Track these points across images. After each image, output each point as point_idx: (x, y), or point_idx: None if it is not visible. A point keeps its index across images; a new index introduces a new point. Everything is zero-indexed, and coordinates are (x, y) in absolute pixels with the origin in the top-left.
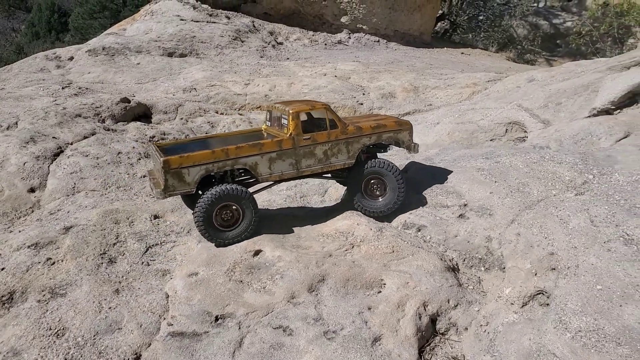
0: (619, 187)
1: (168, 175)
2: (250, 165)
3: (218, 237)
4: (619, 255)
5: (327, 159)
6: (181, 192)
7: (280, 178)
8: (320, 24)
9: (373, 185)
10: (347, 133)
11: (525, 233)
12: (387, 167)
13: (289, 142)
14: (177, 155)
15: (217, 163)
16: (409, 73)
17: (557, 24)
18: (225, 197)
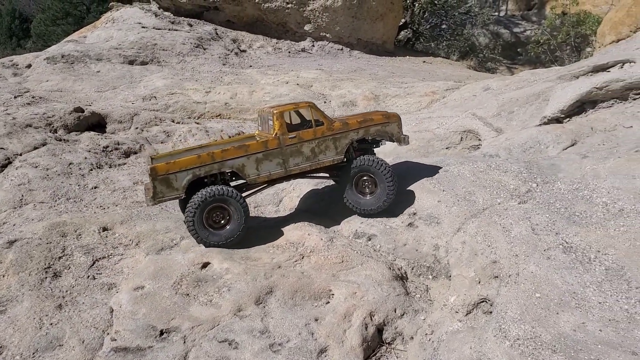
0: (561, 195)
1: (156, 182)
2: (237, 167)
3: (208, 238)
4: (558, 263)
5: (315, 157)
6: (171, 198)
7: (269, 178)
8: (284, 31)
9: (364, 183)
10: (333, 129)
11: (470, 241)
12: (377, 164)
13: (274, 141)
14: (164, 162)
15: (203, 167)
16: (371, 81)
17: (518, 32)
18: (214, 198)
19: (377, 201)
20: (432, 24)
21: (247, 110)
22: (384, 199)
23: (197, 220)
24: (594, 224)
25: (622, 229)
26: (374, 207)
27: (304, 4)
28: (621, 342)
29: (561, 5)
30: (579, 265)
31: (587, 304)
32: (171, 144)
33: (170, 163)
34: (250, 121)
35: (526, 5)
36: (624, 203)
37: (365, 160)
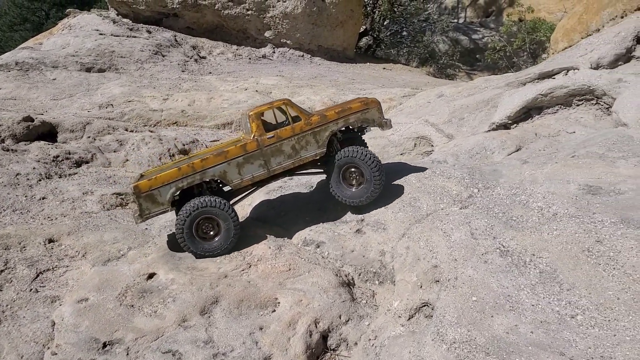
0: (500, 200)
1: (141, 200)
2: (219, 174)
3: (199, 249)
4: (495, 267)
5: (297, 153)
6: (158, 213)
7: (253, 181)
8: (244, 38)
9: (351, 174)
10: (311, 124)
11: (413, 246)
12: (362, 155)
13: (252, 144)
14: (145, 180)
15: (185, 179)
16: (330, 88)
17: (476, 39)
18: (199, 211)
19: (365, 192)
20: (393, 31)
21: (204, 117)
22: (371, 189)
23: (186, 233)
24: (530, 228)
25: (555, 232)
26: (362, 199)
27: (264, 10)
28: (551, 343)
29: (517, 12)
30: (515, 269)
31: (521, 306)
32: (124, 153)
33: (152, 179)
34: (207, 128)
35: (484, 13)
36: (558, 207)
37: (350, 152)
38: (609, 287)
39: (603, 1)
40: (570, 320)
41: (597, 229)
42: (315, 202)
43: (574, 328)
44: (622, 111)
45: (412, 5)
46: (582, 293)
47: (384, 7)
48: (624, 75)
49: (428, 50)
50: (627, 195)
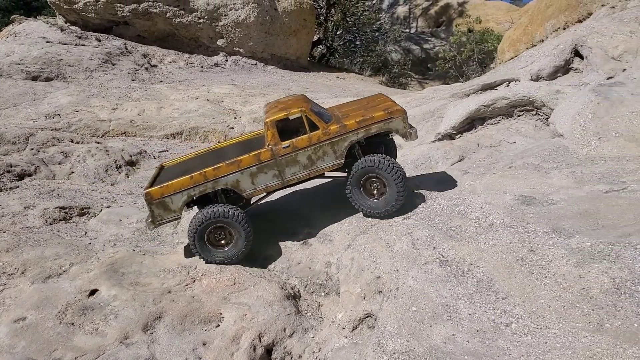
0: (440, 210)
1: (152, 207)
2: (232, 183)
3: (210, 256)
4: (434, 277)
5: (313, 164)
6: (169, 220)
7: (267, 191)
8: (197, 46)
9: (372, 184)
10: (329, 134)
11: (358, 257)
12: (383, 165)
13: (267, 153)
14: (157, 187)
15: (197, 187)
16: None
17: (428, 48)
18: (211, 221)
19: (386, 204)
20: (346, 40)
21: (154, 127)
22: (393, 202)
23: (197, 241)
24: (468, 238)
25: (491, 242)
26: (381, 211)
27: (216, 19)
28: (486, 352)
29: (465, 23)
30: (453, 278)
31: (458, 315)
32: (69, 165)
33: (163, 187)
34: (157, 139)
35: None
36: (494, 218)
37: (370, 162)
38: (541, 295)
39: (546, 13)
40: (505, 328)
41: (530, 239)
42: (263, 214)
43: (508, 336)
44: (559, 122)
45: (364, 15)
46: (517, 301)
47: (336, 17)
48: (562, 87)
49: (381, 59)
50: (559, 206)
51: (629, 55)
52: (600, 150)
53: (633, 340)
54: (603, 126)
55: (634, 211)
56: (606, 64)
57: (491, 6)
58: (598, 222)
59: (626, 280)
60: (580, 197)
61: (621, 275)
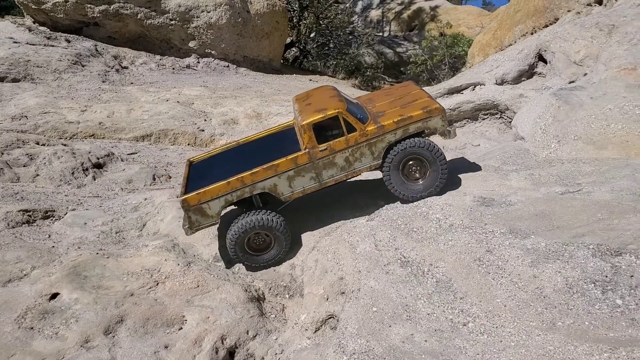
0: (403, 212)
1: (190, 213)
2: (269, 187)
3: (249, 260)
4: (395, 277)
5: (350, 165)
6: (207, 226)
7: (304, 194)
8: (168, 48)
9: (411, 167)
10: (367, 135)
11: (322, 259)
12: (428, 146)
13: (304, 157)
14: (194, 193)
15: (235, 192)
16: (254, 99)
17: (401, 52)
18: (254, 228)
19: (430, 185)
20: (319, 43)
21: (123, 129)
22: (437, 182)
23: (238, 246)
24: (428, 239)
25: (450, 243)
26: (425, 193)
27: (188, 21)
28: (443, 351)
29: (436, 27)
30: (414, 279)
31: (417, 315)
32: (34, 168)
33: (200, 193)
34: (126, 141)
35: (408, 27)
36: (454, 219)
37: (414, 143)
38: (497, 294)
39: (515, 18)
40: (462, 327)
41: (488, 239)
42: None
43: (465, 335)
44: (520, 125)
45: (338, 19)
46: (474, 301)
47: (309, 20)
48: (525, 91)
49: (354, 62)
50: (516, 207)
51: (590, 60)
52: (559, 152)
53: (584, 338)
54: (563, 129)
55: (588, 212)
56: (568, 68)
57: (462, 11)
58: (553, 222)
59: (578, 280)
60: (537, 198)
61: (574, 274)
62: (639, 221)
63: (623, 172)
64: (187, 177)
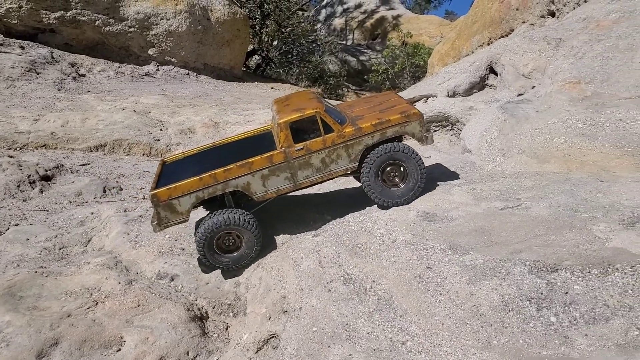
0: (349, 227)
1: (159, 209)
2: (242, 186)
3: (218, 262)
4: (337, 295)
5: (326, 167)
6: (176, 223)
7: (278, 194)
8: (127, 55)
9: (390, 172)
10: (344, 137)
11: (265, 277)
12: (407, 150)
13: (280, 155)
14: (164, 188)
15: (207, 189)
16: (212, 108)
17: (364, 60)
18: (221, 228)
19: (409, 191)
20: (282, 51)
21: (76, 139)
22: (415, 188)
23: (206, 246)
24: (372, 255)
25: (392, 259)
26: (405, 198)
27: (147, 28)
28: None
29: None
30: (356, 296)
31: (357, 334)
32: None
33: (171, 188)
34: (79, 151)
35: (371, 35)
36: (397, 234)
37: (393, 147)
38: (435, 312)
39: (472, 29)
40: (401, 346)
41: (428, 256)
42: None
43: (403, 354)
44: (468, 138)
45: (300, 27)
46: (413, 319)
47: (271, 28)
48: (475, 103)
49: (318, 70)
50: (457, 222)
51: (538, 73)
52: (504, 166)
53: (518, 356)
54: (508, 143)
55: (525, 228)
56: (517, 81)
57: (424, 20)
58: (492, 238)
59: (514, 297)
60: (477, 213)
61: (509, 292)
62: (574, 237)
63: (562, 187)
64: (158, 174)
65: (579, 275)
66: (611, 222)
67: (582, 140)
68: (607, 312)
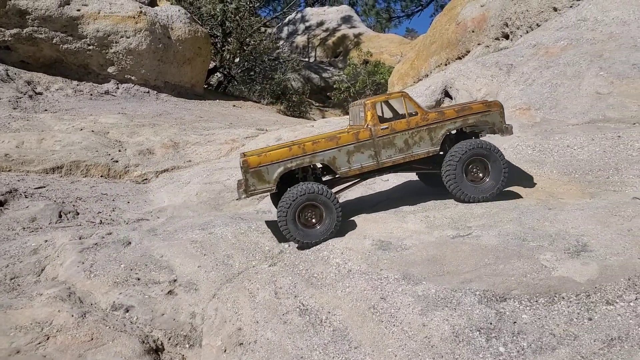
0: (305, 256)
1: (248, 175)
2: (329, 160)
3: (301, 236)
4: (293, 327)
5: (409, 148)
6: (262, 191)
7: (361, 172)
8: (86, 73)
9: (473, 169)
10: (428, 120)
11: (221, 308)
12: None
13: (366, 132)
14: (255, 155)
15: (295, 160)
16: (172, 128)
17: (327, 77)
18: (306, 197)
19: (494, 185)
20: (244, 69)
21: (31, 161)
22: (500, 181)
23: (290, 214)
24: (327, 285)
25: (348, 289)
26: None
27: (107, 46)
28: None
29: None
30: (311, 328)
31: None
32: None
33: (262, 156)
34: (34, 173)
35: (333, 53)
36: (353, 264)
37: (477, 143)
38: (389, 344)
39: (430, 49)
40: None
41: (382, 286)
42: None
43: None
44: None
45: (263, 44)
46: (367, 351)
47: (233, 46)
48: None
49: (280, 87)
50: (411, 251)
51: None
52: None
53: None
54: None
55: (476, 257)
56: None
57: (385, 39)
58: (444, 268)
59: (464, 328)
60: (430, 242)
61: (460, 322)
62: (522, 266)
63: (511, 215)
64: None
65: (527, 305)
66: (557, 251)
67: (531, 166)
68: (554, 341)
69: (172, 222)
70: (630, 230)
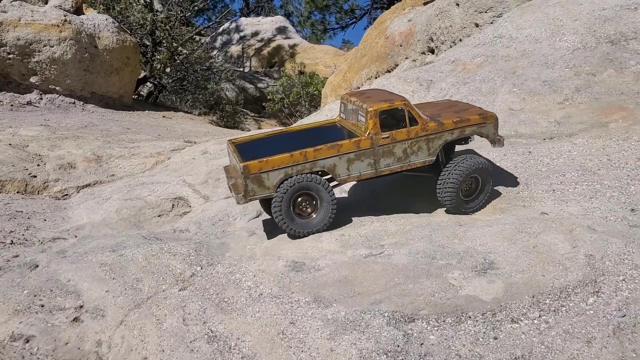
0: (217, 279)
1: (248, 181)
2: (329, 167)
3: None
4: (200, 355)
5: (407, 158)
6: (261, 197)
7: (359, 179)
8: (6, 83)
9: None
10: (427, 130)
11: (128, 336)
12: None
13: (367, 141)
14: (256, 161)
15: (295, 166)
16: (96, 140)
17: (262, 87)
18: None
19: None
20: (176, 78)
21: None
22: (485, 198)
23: (285, 201)
24: (237, 310)
25: (257, 314)
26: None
27: (29, 55)
28: None
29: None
30: (219, 356)
31: None
32: None
33: (263, 162)
34: None
35: (268, 63)
36: (265, 287)
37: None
38: None
39: (362, 62)
40: None
41: (292, 310)
42: (31, 286)
43: None
44: None
45: (195, 54)
46: None
47: (163, 55)
48: None
49: (214, 97)
50: (323, 272)
51: None
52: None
53: None
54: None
55: (386, 277)
56: None
57: (319, 50)
58: (355, 289)
59: (372, 352)
60: (343, 262)
61: (368, 346)
62: (431, 285)
63: (422, 232)
64: (236, 151)
65: (435, 325)
66: (465, 269)
67: None
68: None
69: (83, 243)
70: (535, 246)
